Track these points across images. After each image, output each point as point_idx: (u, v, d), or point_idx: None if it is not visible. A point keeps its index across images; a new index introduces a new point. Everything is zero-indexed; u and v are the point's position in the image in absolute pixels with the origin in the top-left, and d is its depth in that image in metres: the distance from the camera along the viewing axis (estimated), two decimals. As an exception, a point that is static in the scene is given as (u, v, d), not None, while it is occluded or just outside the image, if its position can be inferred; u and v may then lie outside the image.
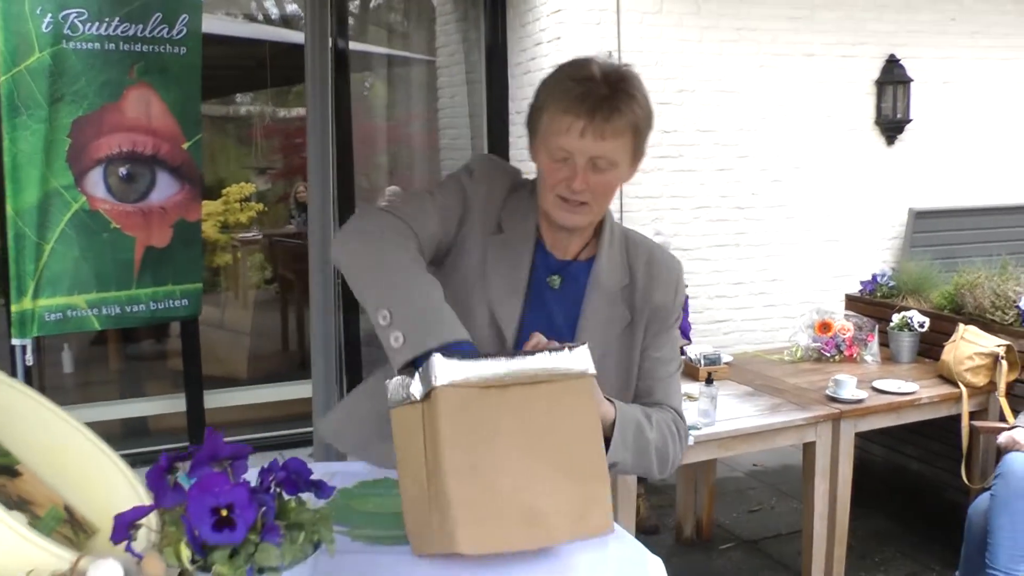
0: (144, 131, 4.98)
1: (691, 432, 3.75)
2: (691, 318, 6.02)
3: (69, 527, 1.55)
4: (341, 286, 4.22)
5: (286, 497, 1.29)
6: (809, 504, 4.21)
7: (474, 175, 2.11)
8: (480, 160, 2.18)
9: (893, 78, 6.87)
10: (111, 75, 4.81)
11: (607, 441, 1.81)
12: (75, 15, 4.66)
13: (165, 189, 5.06)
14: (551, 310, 2.06)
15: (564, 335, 2.00)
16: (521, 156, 6.46)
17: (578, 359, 1.67)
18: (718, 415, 3.96)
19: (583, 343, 1.71)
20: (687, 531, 5.09)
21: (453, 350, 1.64)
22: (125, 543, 1.29)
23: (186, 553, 1.25)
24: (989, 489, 3.88)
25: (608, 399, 1.88)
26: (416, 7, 8.27)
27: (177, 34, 4.96)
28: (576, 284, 2.06)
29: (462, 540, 1.46)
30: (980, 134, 7.27)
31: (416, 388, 1.60)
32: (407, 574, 1.56)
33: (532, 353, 1.65)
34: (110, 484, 1.61)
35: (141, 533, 1.36)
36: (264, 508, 1.22)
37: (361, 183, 7.81)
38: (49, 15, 4.59)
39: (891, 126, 6.93)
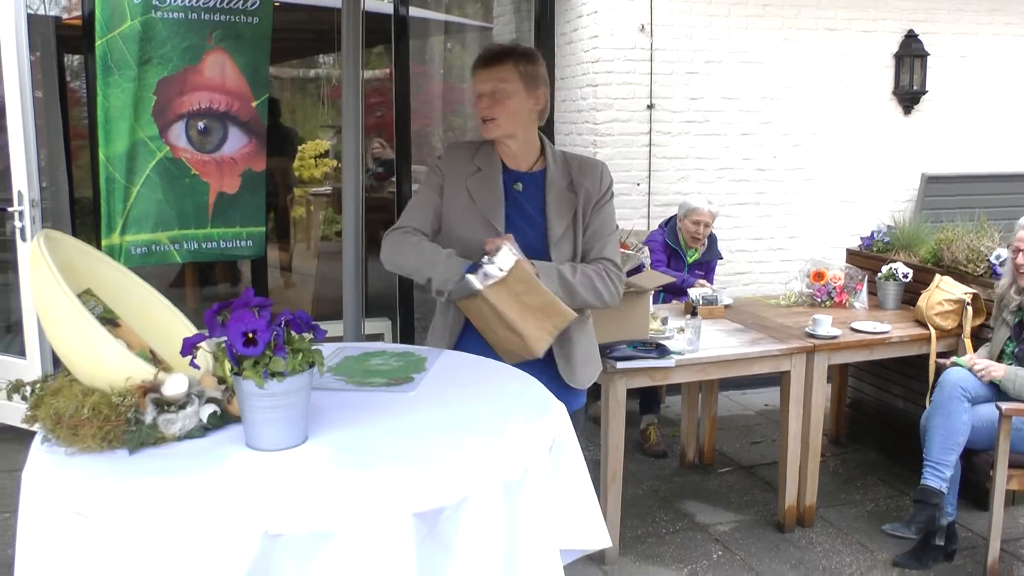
0: (219, 91, 5.64)
1: (675, 356, 4.38)
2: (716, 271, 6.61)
3: (153, 363, 2.23)
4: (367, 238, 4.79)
5: (294, 334, 1.95)
6: (785, 425, 4.79)
7: (442, 157, 3.27)
8: (447, 147, 3.35)
9: (911, 52, 7.27)
10: (193, 41, 5.47)
11: None
12: (162, -13, 5.32)
13: (236, 142, 5.73)
14: (522, 204, 3.15)
15: (533, 219, 3.13)
16: (563, 119, 7.10)
17: (508, 257, 2.82)
18: (703, 344, 4.58)
19: (506, 245, 2.87)
20: (690, 455, 5.70)
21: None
22: (190, 359, 1.97)
23: (227, 366, 1.92)
24: None
25: (531, 261, 2.95)
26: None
27: (251, 5, 5.60)
28: (534, 186, 3.17)
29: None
30: (995, 105, 7.65)
31: (476, 285, 2.80)
32: (379, 407, 2.26)
33: (502, 271, 2.82)
34: (180, 336, 2.28)
35: (200, 358, 2.04)
36: (276, 333, 1.88)
37: (432, 140, 8.49)
38: (140, -13, 5.26)
39: (908, 97, 7.35)
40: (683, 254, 6.05)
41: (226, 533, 1.65)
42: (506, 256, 2.83)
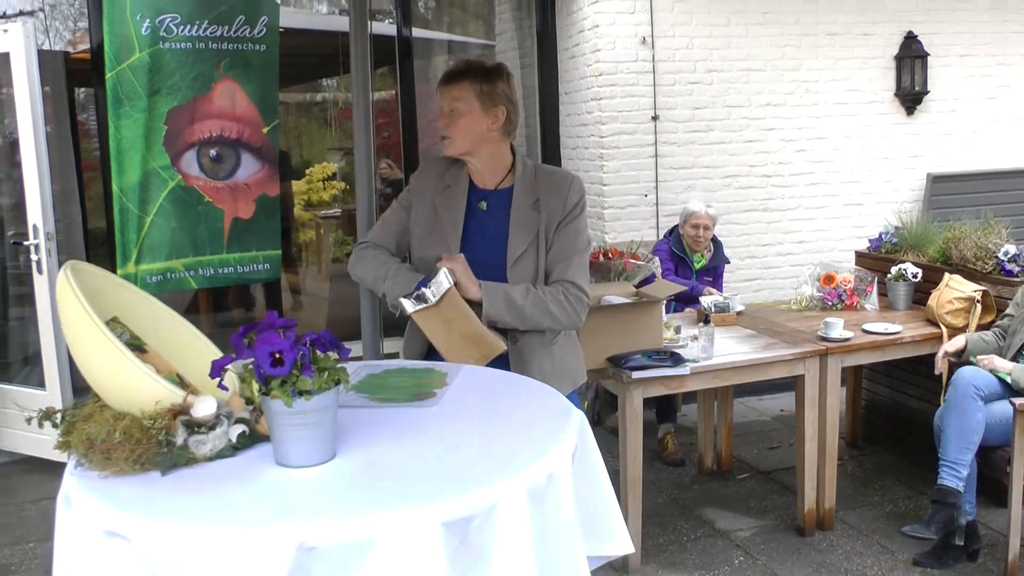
0: (230, 118, 5.70)
1: (689, 364, 4.43)
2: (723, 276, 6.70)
3: (181, 387, 2.28)
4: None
5: (319, 353, 2.00)
6: (801, 429, 4.83)
7: (415, 175, 3.35)
8: (423, 162, 3.46)
9: (911, 53, 7.33)
10: (201, 70, 5.53)
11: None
12: (170, 19, 5.38)
13: (248, 168, 5.79)
14: (484, 224, 3.17)
15: (495, 239, 3.13)
16: (569, 133, 7.16)
17: (441, 284, 2.92)
18: (717, 351, 4.62)
19: (442, 271, 2.95)
20: (708, 463, 5.74)
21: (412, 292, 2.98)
22: (218, 381, 2.02)
23: (255, 387, 1.97)
24: None
25: (479, 282, 2.99)
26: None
27: (258, 33, 5.66)
28: (499, 204, 3.17)
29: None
30: (997, 103, 7.70)
31: (408, 309, 2.95)
32: (404, 422, 2.31)
33: (435, 296, 2.94)
34: (206, 359, 2.34)
35: (228, 380, 2.09)
36: (302, 353, 1.93)
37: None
38: (147, 20, 5.32)
39: (910, 97, 7.40)
40: (689, 261, 6.10)
41: (262, 547, 1.70)
42: (441, 282, 2.91)
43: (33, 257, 5.85)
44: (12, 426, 6.03)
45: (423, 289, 2.92)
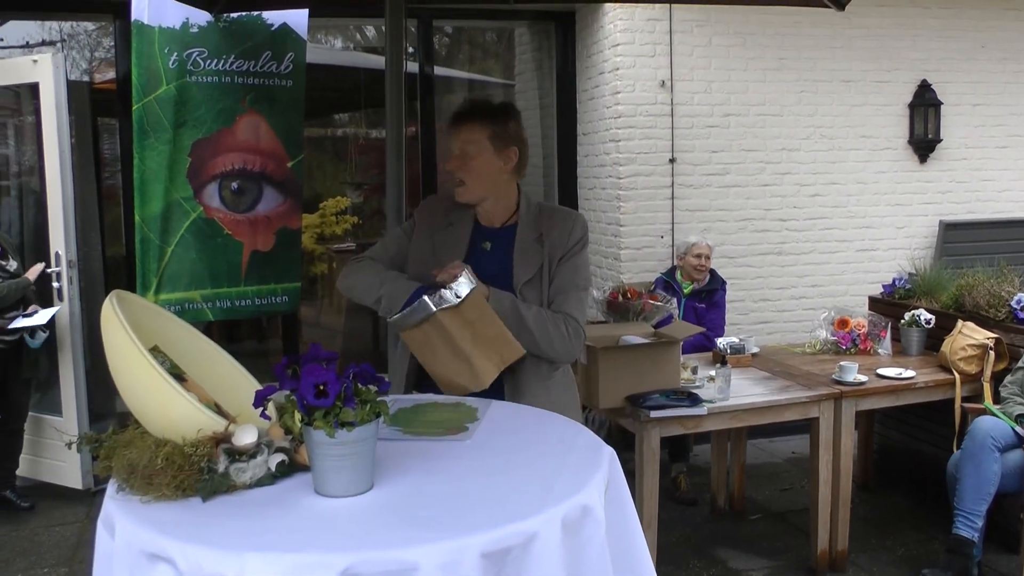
0: (253, 151, 5.77)
1: (707, 404, 4.46)
2: (736, 318, 6.75)
3: (219, 415, 2.32)
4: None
5: (360, 386, 2.05)
6: (815, 472, 4.86)
7: (418, 209, 3.37)
8: (427, 198, 3.50)
9: (924, 101, 7.40)
10: (226, 104, 5.61)
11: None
12: (197, 53, 5.47)
13: (270, 201, 5.86)
14: (487, 263, 3.11)
15: (498, 277, 3.07)
16: (586, 173, 7.22)
17: (463, 284, 2.86)
18: (733, 392, 4.66)
19: (464, 273, 2.90)
20: (720, 503, 5.77)
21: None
22: (261, 410, 2.07)
23: (297, 416, 2.02)
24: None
25: (487, 287, 2.99)
26: (500, 38, 9.06)
27: (284, 69, 5.75)
28: (503, 243, 3.16)
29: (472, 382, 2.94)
30: (1010, 152, 7.78)
31: (432, 307, 2.86)
32: (438, 454, 2.34)
33: (458, 297, 2.86)
34: (243, 389, 2.39)
35: (270, 409, 2.14)
36: (345, 385, 1.98)
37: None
38: (175, 54, 5.41)
39: (923, 145, 7.47)
40: (677, 287, 6.16)
41: (306, 573, 1.74)
42: (464, 284, 2.86)
43: (54, 284, 5.90)
44: (25, 452, 6.04)
45: (442, 291, 2.85)
